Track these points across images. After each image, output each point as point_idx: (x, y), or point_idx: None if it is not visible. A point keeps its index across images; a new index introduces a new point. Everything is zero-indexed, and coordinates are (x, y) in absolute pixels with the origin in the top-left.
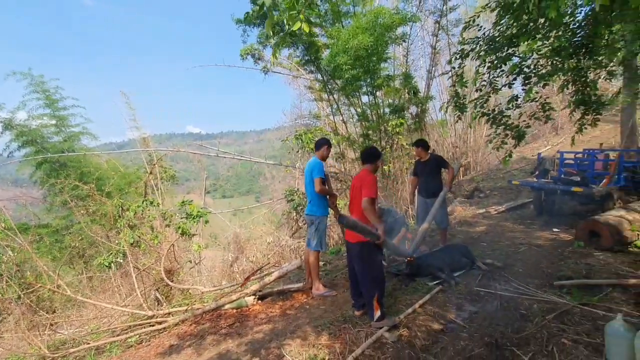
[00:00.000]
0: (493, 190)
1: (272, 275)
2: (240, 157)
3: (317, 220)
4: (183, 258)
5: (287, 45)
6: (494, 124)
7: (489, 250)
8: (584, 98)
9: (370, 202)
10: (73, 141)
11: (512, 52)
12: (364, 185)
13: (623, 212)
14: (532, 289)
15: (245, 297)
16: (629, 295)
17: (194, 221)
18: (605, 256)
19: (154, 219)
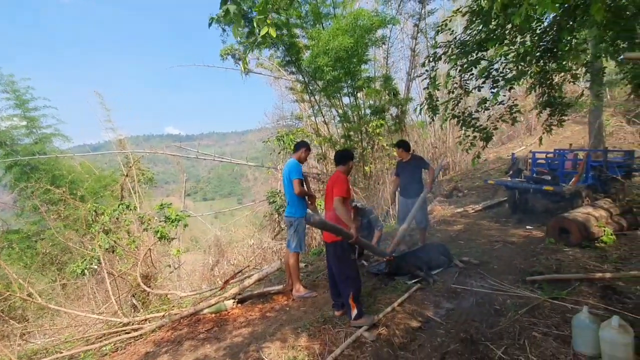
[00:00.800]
0: (471, 189)
1: (252, 278)
2: (221, 159)
3: (296, 221)
4: (162, 263)
5: (268, 46)
6: (463, 125)
7: (466, 248)
8: (550, 100)
9: (341, 202)
10: (44, 143)
11: (482, 56)
12: (336, 185)
13: (590, 209)
14: (506, 285)
15: (225, 300)
16: (595, 289)
17: (172, 225)
18: (574, 252)
19: (130, 223)
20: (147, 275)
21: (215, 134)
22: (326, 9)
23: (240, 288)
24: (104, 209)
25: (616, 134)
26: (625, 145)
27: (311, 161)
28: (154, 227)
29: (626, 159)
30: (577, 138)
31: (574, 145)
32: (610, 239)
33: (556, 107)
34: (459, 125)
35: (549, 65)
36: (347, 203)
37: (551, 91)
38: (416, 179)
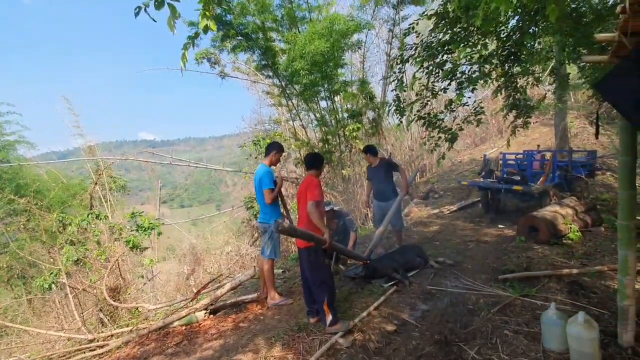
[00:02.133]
0: (446, 190)
1: (225, 287)
2: (197, 165)
3: (270, 228)
4: (135, 273)
5: (243, 49)
6: (429, 126)
7: (442, 249)
8: (515, 102)
9: (315, 206)
10: (8, 151)
11: (447, 59)
12: (309, 189)
13: (557, 207)
14: (479, 284)
15: (196, 312)
16: (562, 285)
17: (145, 234)
18: (543, 249)
19: (100, 234)
20: (116, 288)
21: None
22: (302, 13)
23: (212, 298)
24: (71, 219)
25: (580, 135)
26: (588, 146)
27: (290, 165)
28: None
29: (589, 159)
30: (545, 139)
31: (541, 146)
32: (576, 235)
33: (521, 109)
34: (424, 127)
35: (513, 69)
36: (320, 207)
37: (516, 94)
38: (388, 182)
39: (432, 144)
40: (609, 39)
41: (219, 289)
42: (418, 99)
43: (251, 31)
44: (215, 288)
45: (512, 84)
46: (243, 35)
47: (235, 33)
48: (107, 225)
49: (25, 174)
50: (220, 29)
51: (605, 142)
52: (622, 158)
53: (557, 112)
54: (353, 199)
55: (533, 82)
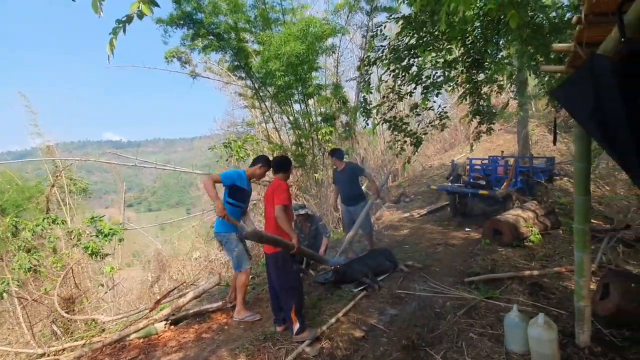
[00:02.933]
0: (417, 194)
1: (187, 296)
2: (164, 167)
3: (225, 238)
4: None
5: (214, 49)
6: (394, 130)
7: (411, 252)
8: (479, 109)
9: (282, 210)
10: None
11: (412, 63)
12: (276, 193)
13: (519, 211)
14: (447, 287)
15: (155, 323)
16: (524, 286)
17: (105, 240)
18: (506, 251)
19: (56, 240)
20: (70, 298)
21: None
22: (275, 15)
23: (173, 308)
24: (25, 224)
25: (540, 143)
26: (547, 152)
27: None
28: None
29: (548, 165)
30: (509, 146)
31: (505, 152)
32: (537, 238)
33: (484, 115)
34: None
35: (477, 76)
36: (288, 211)
37: (480, 101)
38: (353, 186)
39: (398, 147)
40: (566, 49)
41: (181, 298)
42: (384, 101)
43: (223, 31)
44: (177, 297)
45: (476, 90)
46: (214, 34)
47: (206, 32)
48: (65, 231)
49: None
50: (190, 28)
51: (563, 149)
52: (577, 164)
53: (519, 120)
54: (326, 203)
55: (496, 90)
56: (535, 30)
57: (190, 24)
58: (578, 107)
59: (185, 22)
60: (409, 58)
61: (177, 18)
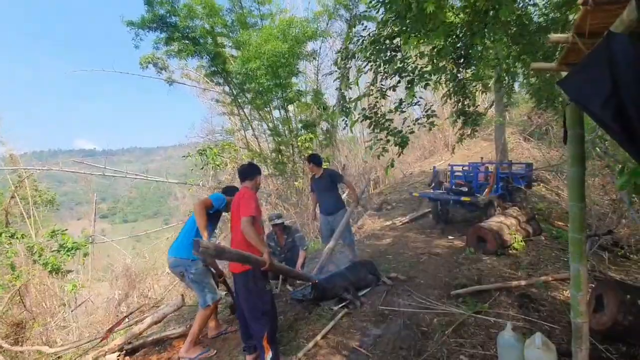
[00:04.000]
0: (399, 202)
1: (145, 321)
2: (135, 176)
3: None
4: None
5: (190, 53)
6: (376, 127)
7: (394, 263)
8: (464, 109)
9: (250, 222)
10: None
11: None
12: (242, 203)
13: (502, 217)
14: (433, 301)
15: (106, 355)
16: (513, 298)
17: (68, 254)
18: (491, 260)
19: (13, 255)
20: (20, 323)
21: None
22: (253, 19)
23: (128, 337)
24: None
25: (516, 150)
26: (523, 159)
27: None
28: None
29: (527, 171)
30: (486, 153)
31: (484, 159)
32: (521, 245)
33: (469, 116)
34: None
35: (463, 72)
36: (257, 223)
37: (465, 100)
38: (332, 194)
39: (379, 148)
40: (563, 39)
41: (138, 325)
42: (364, 94)
43: (199, 35)
44: (135, 322)
45: (461, 89)
46: (189, 39)
47: (181, 36)
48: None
49: None
50: (163, 31)
51: (537, 156)
52: (571, 169)
53: (497, 127)
54: (306, 211)
55: (482, 89)
56: (522, 29)
57: (164, 27)
58: (590, 96)
59: (159, 25)
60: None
61: (149, 21)
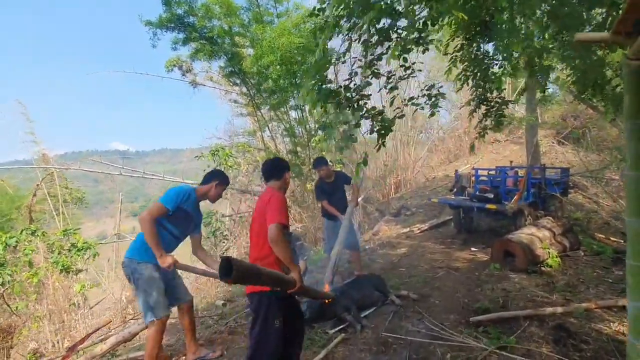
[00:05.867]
0: (419, 207)
1: (107, 342)
2: (152, 176)
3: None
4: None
5: (207, 53)
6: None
7: (407, 277)
8: (485, 94)
9: (280, 230)
10: None
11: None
12: (270, 209)
13: (534, 229)
14: (447, 330)
15: None
16: (546, 330)
17: (78, 254)
18: (520, 278)
19: (31, 252)
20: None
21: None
22: (269, 18)
23: (88, 358)
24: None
25: (549, 154)
26: (557, 164)
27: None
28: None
29: (562, 177)
30: (516, 157)
31: (514, 163)
32: (556, 261)
33: (492, 104)
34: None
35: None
36: (287, 233)
37: (486, 84)
38: (343, 198)
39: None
40: None
41: (100, 344)
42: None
43: (216, 35)
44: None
45: (481, 68)
46: (207, 39)
47: (198, 36)
48: (45, 243)
49: None
50: (181, 31)
51: (573, 161)
52: (632, 173)
53: (528, 128)
54: (319, 215)
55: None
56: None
57: (181, 27)
58: None
59: (176, 25)
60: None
61: (166, 21)
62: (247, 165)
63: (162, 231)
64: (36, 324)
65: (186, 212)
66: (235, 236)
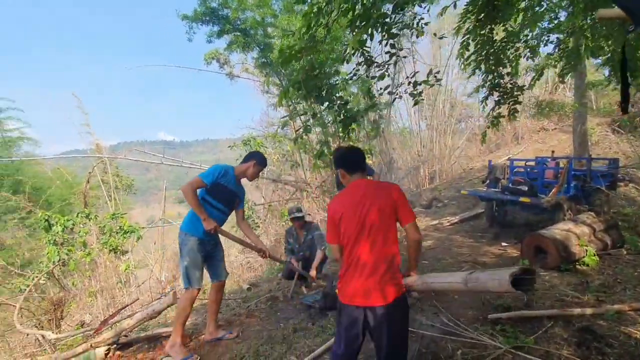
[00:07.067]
0: (452, 199)
1: (134, 317)
2: (190, 165)
3: (184, 239)
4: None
5: (240, 45)
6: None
7: (429, 270)
8: (497, 80)
9: (417, 229)
10: (10, 147)
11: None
12: (402, 203)
13: (571, 225)
14: (462, 326)
15: (95, 348)
16: (571, 332)
17: (123, 237)
18: (551, 277)
19: (86, 234)
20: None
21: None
22: (299, 7)
23: (117, 332)
24: (58, 219)
25: (602, 143)
26: (610, 155)
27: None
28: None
29: (610, 168)
30: (563, 147)
31: (558, 153)
32: (593, 260)
33: (506, 90)
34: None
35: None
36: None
37: (498, 68)
38: None
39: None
40: None
41: (126, 320)
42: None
43: (249, 27)
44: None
45: (493, 50)
46: (240, 30)
47: (232, 28)
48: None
49: (25, 171)
50: (215, 24)
51: (628, 151)
52: None
53: (575, 115)
54: None
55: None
56: None
57: (216, 20)
58: None
59: (211, 18)
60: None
61: (201, 14)
62: (277, 155)
63: (208, 207)
64: (90, 298)
65: (225, 187)
66: (267, 224)
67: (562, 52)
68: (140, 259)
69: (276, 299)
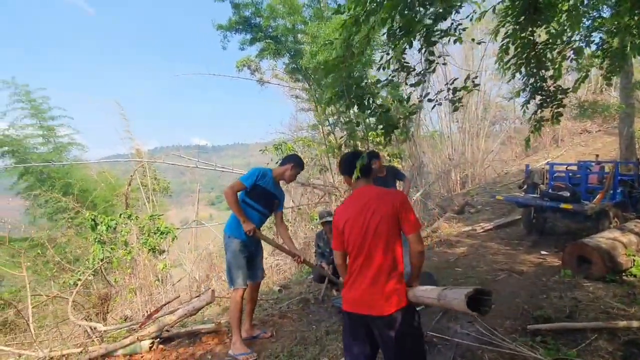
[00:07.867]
0: (486, 205)
1: (175, 313)
2: (222, 169)
3: (227, 241)
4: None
5: (271, 52)
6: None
7: (462, 278)
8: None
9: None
10: (62, 152)
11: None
12: (403, 210)
13: (617, 233)
14: (499, 335)
15: (141, 340)
16: (616, 345)
17: (160, 237)
18: (595, 288)
19: (127, 234)
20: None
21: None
22: (329, 14)
23: (160, 326)
24: (102, 219)
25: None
26: None
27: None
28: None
29: None
30: (609, 150)
31: (603, 157)
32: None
33: (549, 94)
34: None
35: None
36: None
37: (540, 71)
38: None
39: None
40: None
41: (168, 316)
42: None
43: (280, 34)
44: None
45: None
46: (271, 37)
47: (263, 36)
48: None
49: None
50: (248, 32)
51: None
52: None
53: (622, 117)
54: None
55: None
56: None
57: (248, 28)
58: None
59: (244, 27)
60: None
61: (235, 23)
62: (306, 159)
63: (247, 209)
64: (130, 295)
65: (264, 189)
66: (296, 227)
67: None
68: (175, 259)
69: (307, 301)
